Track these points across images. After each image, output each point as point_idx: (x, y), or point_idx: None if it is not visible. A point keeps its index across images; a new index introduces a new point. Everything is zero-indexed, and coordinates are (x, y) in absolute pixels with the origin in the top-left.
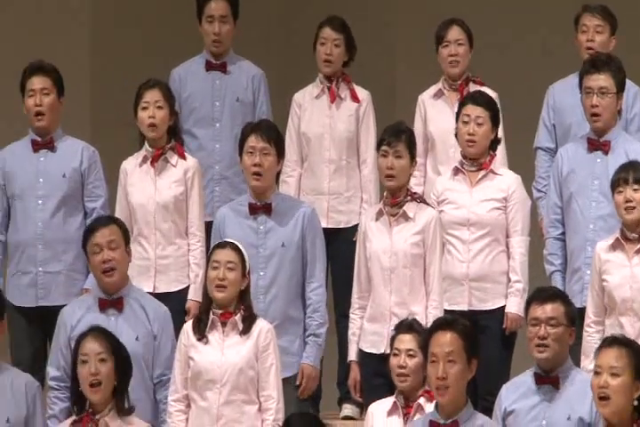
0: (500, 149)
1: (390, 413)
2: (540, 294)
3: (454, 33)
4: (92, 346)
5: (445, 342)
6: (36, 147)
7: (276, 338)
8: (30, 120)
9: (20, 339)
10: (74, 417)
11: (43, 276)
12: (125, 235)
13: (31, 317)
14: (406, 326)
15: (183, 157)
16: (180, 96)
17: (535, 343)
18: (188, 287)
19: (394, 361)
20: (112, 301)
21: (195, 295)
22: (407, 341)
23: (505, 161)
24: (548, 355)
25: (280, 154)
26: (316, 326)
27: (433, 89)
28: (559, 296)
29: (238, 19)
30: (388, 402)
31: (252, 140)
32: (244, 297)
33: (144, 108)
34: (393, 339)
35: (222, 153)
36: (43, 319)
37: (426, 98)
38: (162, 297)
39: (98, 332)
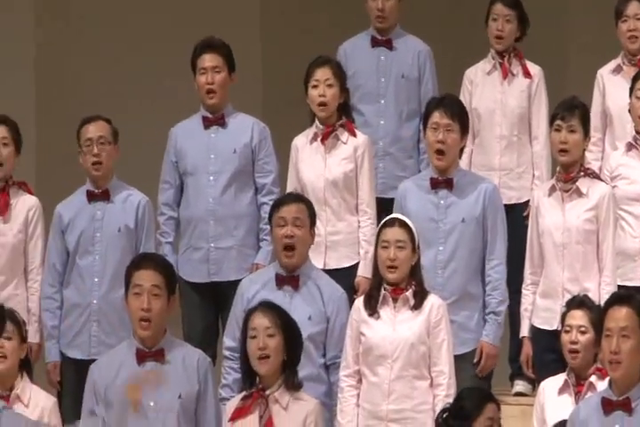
0: None
1: (561, 391)
2: None
3: (633, 8)
4: (261, 321)
5: (620, 317)
6: (207, 123)
7: (449, 314)
8: (202, 97)
9: (191, 314)
10: (244, 393)
11: (214, 251)
12: (312, 216)
13: (203, 292)
14: (578, 302)
15: (354, 134)
16: (347, 72)
17: None
18: (357, 263)
19: (565, 337)
20: (289, 278)
21: (364, 272)
22: (579, 317)
23: None
24: None
25: (464, 130)
26: (496, 303)
27: (612, 64)
28: None
29: None
30: (559, 379)
31: (436, 116)
32: (415, 272)
33: (314, 87)
34: (564, 315)
35: (386, 129)
36: (214, 294)
37: (604, 73)
38: (332, 273)
39: (267, 307)
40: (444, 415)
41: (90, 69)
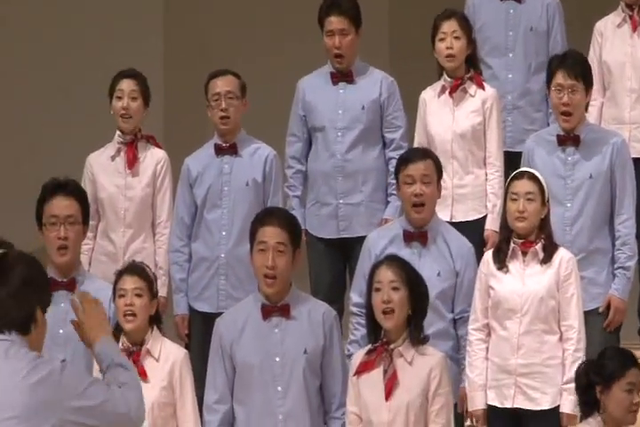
0: None
1: None
2: None
3: None
4: (386, 274)
5: None
6: (336, 79)
7: (578, 268)
8: (330, 59)
9: (319, 268)
10: (369, 346)
11: (343, 207)
12: (439, 171)
13: (331, 247)
14: None
15: (482, 87)
16: (475, 25)
17: None
18: (484, 217)
19: None
20: (418, 234)
21: (492, 225)
22: None
23: None
24: None
25: (588, 86)
26: (625, 258)
27: None
28: None
29: None
30: None
31: (560, 77)
32: (544, 226)
33: (441, 39)
34: None
35: (515, 83)
36: (342, 248)
37: None
38: (458, 226)
39: (393, 261)
40: (585, 369)
41: (217, 26)
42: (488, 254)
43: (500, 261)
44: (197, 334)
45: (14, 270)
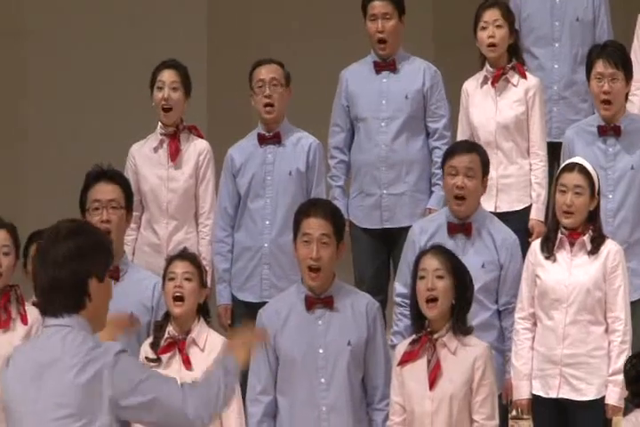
0: None
1: None
2: None
3: None
4: (431, 262)
5: None
6: (379, 68)
7: (625, 260)
8: (373, 45)
9: (362, 258)
10: (413, 336)
11: (387, 198)
12: (485, 166)
13: (375, 237)
14: None
15: (524, 77)
16: (520, 15)
17: None
18: (528, 207)
19: None
20: (461, 226)
21: (537, 215)
22: None
23: None
24: None
25: (629, 76)
26: None
27: None
28: None
29: None
30: None
31: (600, 66)
32: (593, 217)
33: (483, 28)
34: None
35: (561, 73)
36: (386, 239)
37: None
38: (502, 216)
39: (438, 249)
40: (634, 361)
41: (260, 15)
42: (536, 244)
43: (548, 251)
44: (240, 323)
45: (56, 248)
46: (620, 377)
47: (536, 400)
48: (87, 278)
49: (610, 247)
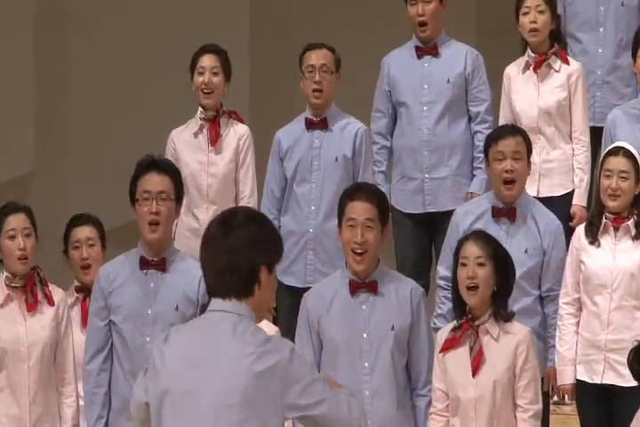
0: None
1: None
2: None
3: None
4: (472, 249)
5: None
6: (420, 53)
7: None
8: (415, 30)
9: (405, 243)
10: (454, 323)
11: (429, 182)
12: (528, 148)
13: (417, 221)
14: None
15: (566, 62)
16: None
17: None
18: (570, 192)
19: None
20: (506, 210)
21: (579, 200)
22: None
23: None
24: None
25: None
26: None
27: None
28: None
29: None
30: None
31: None
32: (637, 202)
33: (525, 14)
34: None
35: (605, 58)
36: (428, 223)
37: None
38: (545, 201)
39: (479, 236)
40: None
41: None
42: (580, 229)
43: (592, 235)
44: (285, 308)
45: (235, 232)
46: None
47: (580, 386)
48: (260, 266)
49: None
